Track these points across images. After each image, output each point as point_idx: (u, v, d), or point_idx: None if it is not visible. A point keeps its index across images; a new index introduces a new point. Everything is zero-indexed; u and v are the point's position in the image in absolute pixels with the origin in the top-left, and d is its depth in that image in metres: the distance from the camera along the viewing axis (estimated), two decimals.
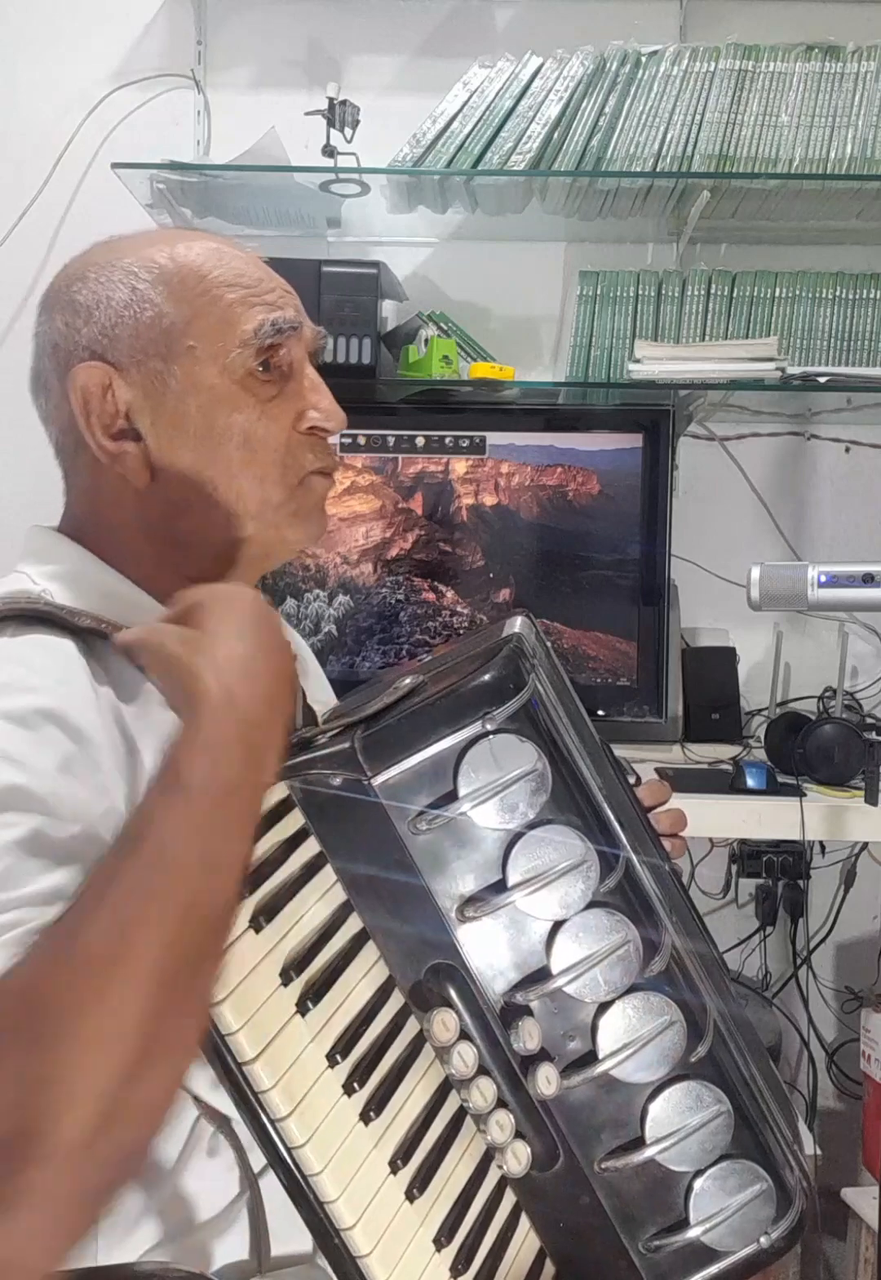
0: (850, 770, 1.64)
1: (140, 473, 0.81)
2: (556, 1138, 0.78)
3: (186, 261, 0.82)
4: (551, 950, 0.75)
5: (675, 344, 1.87)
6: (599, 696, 1.84)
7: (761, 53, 1.83)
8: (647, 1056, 0.77)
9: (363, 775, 0.73)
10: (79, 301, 0.82)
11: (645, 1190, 0.79)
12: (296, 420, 0.84)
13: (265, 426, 0.82)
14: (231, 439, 0.81)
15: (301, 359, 0.86)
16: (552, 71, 1.84)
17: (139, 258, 0.82)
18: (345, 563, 1.87)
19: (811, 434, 2.09)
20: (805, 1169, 0.82)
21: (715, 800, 1.61)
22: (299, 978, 0.73)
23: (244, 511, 0.82)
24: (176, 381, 0.80)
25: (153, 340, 0.80)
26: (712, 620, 2.04)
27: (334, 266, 1.80)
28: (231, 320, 0.81)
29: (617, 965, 0.76)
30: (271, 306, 0.83)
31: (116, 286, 0.81)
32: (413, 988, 0.76)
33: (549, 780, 0.74)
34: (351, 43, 2.05)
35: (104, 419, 0.81)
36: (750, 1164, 0.79)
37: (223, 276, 0.82)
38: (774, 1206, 0.79)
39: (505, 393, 1.89)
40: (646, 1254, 0.79)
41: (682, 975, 0.78)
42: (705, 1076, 0.78)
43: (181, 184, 1.86)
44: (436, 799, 0.73)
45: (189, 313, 0.81)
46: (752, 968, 2.06)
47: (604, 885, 0.76)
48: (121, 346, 0.80)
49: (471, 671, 0.74)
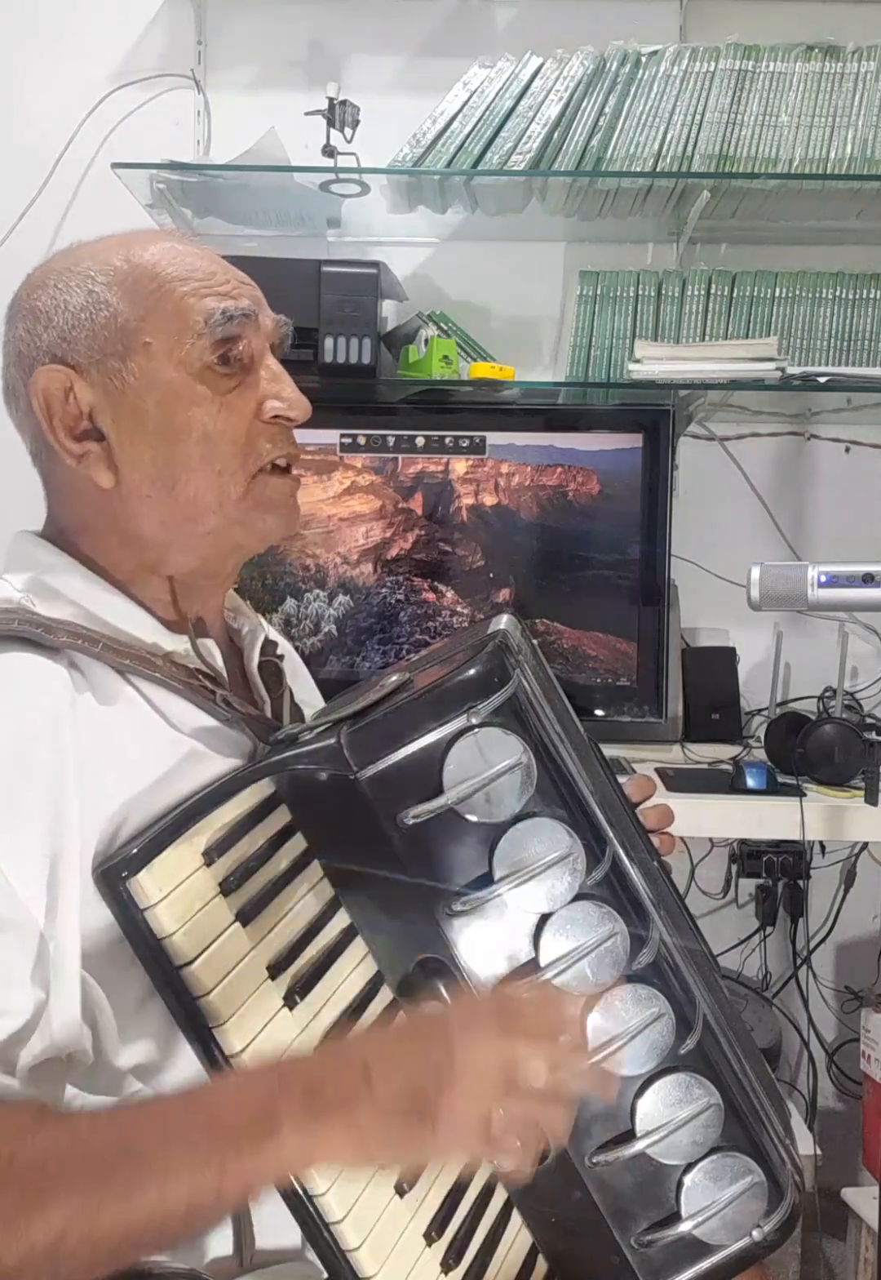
0: (850, 770, 1.64)
1: (104, 472, 0.82)
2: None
3: (140, 261, 0.83)
4: (539, 943, 0.76)
5: (675, 344, 1.87)
6: (599, 696, 1.84)
7: (761, 53, 1.83)
8: (637, 1048, 0.77)
9: (349, 770, 0.73)
10: (39, 308, 0.83)
11: (636, 1184, 0.79)
12: (257, 410, 0.85)
13: (224, 420, 0.83)
14: (190, 434, 0.82)
15: (261, 350, 0.86)
16: (552, 71, 1.84)
17: (96, 262, 0.83)
18: (345, 563, 1.87)
19: (811, 434, 2.08)
20: (797, 1163, 0.82)
21: (715, 800, 1.60)
22: (286, 972, 0.74)
23: (205, 506, 0.83)
24: (134, 379, 0.81)
25: (109, 340, 0.81)
26: (712, 620, 2.04)
27: (334, 266, 1.79)
28: (184, 312, 0.82)
29: (605, 957, 0.76)
30: (223, 296, 0.83)
31: (73, 291, 0.82)
32: (401, 982, 0.77)
33: (534, 773, 0.74)
34: (351, 43, 2.05)
35: (67, 421, 0.82)
36: (741, 1157, 0.79)
37: (175, 272, 0.82)
38: (765, 1200, 0.79)
39: (505, 393, 1.89)
40: (638, 1249, 0.79)
41: (671, 968, 0.78)
42: (695, 1069, 0.78)
43: (181, 184, 1.86)
44: (423, 793, 0.73)
45: (142, 310, 0.81)
46: (752, 968, 2.06)
47: (591, 878, 0.76)
48: (80, 349, 0.81)
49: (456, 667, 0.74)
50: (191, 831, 0.73)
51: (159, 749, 0.78)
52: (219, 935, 0.72)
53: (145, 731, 0.78)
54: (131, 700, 0.79)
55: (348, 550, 1.87)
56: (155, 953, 0.71)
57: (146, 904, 0.70)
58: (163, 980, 0.72)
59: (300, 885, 0.76)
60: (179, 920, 0.71)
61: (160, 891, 0.70)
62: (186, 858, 0.72)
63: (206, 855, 0.73)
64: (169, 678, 0.80)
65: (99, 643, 0.77)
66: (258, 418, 0.85)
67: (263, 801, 0.76)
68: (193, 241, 0.87)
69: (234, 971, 0.72)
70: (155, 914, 0.70)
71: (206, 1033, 0.71)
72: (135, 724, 0.78)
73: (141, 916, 0.71)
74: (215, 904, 0.73)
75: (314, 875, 0.76)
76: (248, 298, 0.85)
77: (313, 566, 1.87)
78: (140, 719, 0.79)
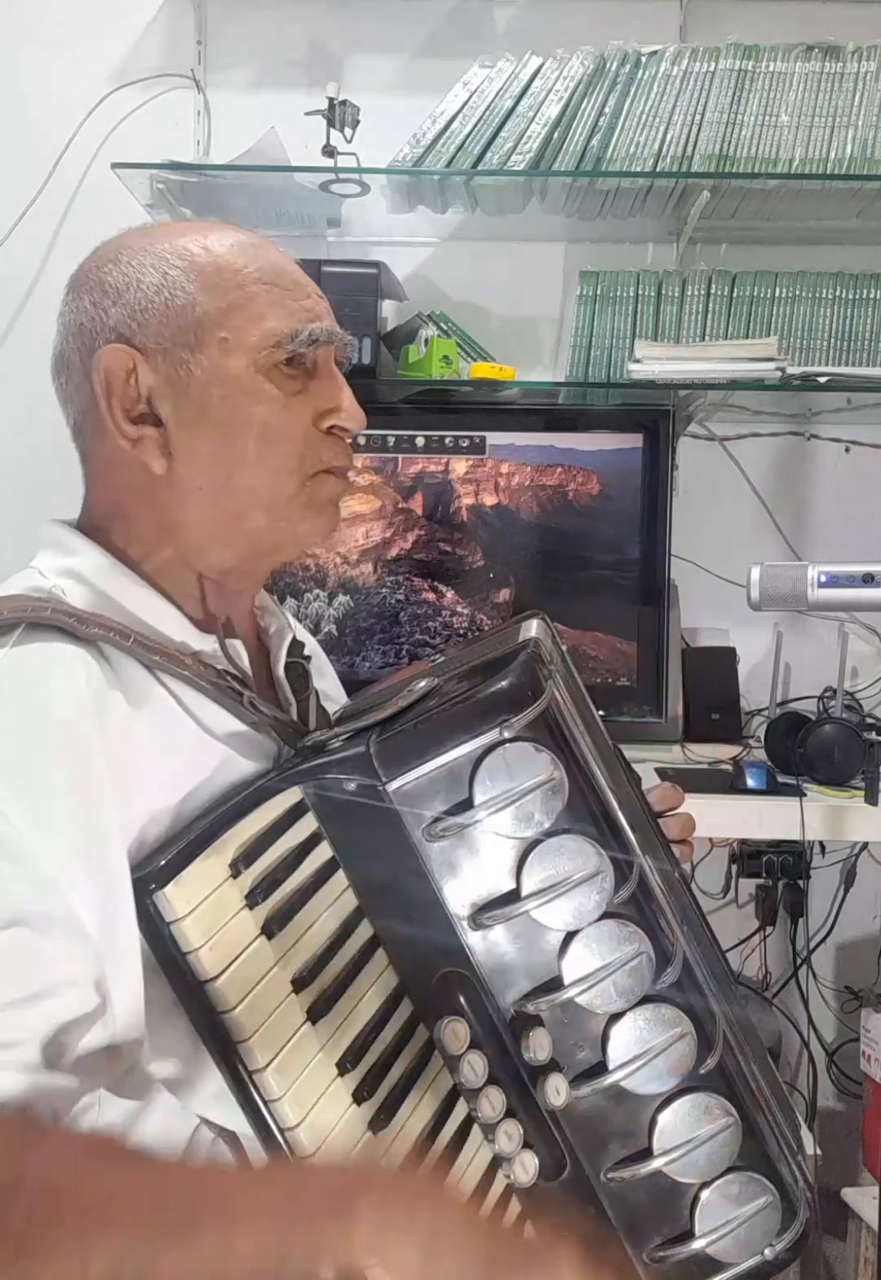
0: (850, 770, 1.64)
1: (158, 458, 0.81)
2: (564, 1148, 0.77)
3: (220, 253, 0.82)
4: (564, 960, 0.75)
5: (675, 344, 1.87)
6: (599, 696, 1.81)
7: (761, 53, 1.83)
8: (657, 1068, 0.76)
9: (377, 781, 0.72)
10: (109, 283, 0.82)
11: (651, 1201, 0.78)
12: (317, 418, 0.84)
13: (285, 419, 0.82)
14: (251, 429, 0.81)
15: (326, 358, 0.86)
16: (552, 71, 1.84)
17: (172, 245, 0.82)
18: (345, 563, 1.87)
19: (811, 434, 2.09)
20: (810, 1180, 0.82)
21: (715, 800, 1.61)
22: (310, 985, 0.73)
23: (257, 502, 0.82)
24: (201, 370, 0.80)
25: (182, 328, 0.80)
26: (712, 620, 2.04)
27: (334, 266, 1.80)
28: (267, 319, 0.81)
29: (630, 976, 0.75)
30: (309, 313, 0.83)
31: (148, 271, 0.81)
32: (423, 996, 0.76)
33: (565, 789, 0.73)
34: (351, 43, 2.05)
35: (125, 402, 0.80)
36: (756, 1176, 0.79)
37: (259, 274, 0.82)
38: (779, 1218, 0.79)
39: (505, 393, 1.89)
40: (651, 1264, 0.78)
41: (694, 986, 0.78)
42: (714, 1089, 0.78)
43: (181, 184, 1.86)
44: (451, 806, 0.73)
45: (223, 304, 0.81)
46: (752, 968, 2.06)
47: (618, 896, 0.75)
48: (149, 332, 0.80)
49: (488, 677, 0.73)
50: (219, 843, 0.71)
51: (187, 749, 0.77)
52: (244, 949, 0.71)
53: (174, 730, 0.77)
54: (161, 698, 0.78)
55: (348, 550, 1.87)
56: (180, 967, 0.70)
57: (173, 917, 0.69)
58: (187, 994, 0.71)
59: (325, 897, 0.75)
60: (205, 934, 0.70)
61: (188, 905, 0.69)
62: (214, 870, 0.71)
63: (233, 867, 0.72)
64: (197, 677, 0.79)
65: (130, 637, 0.76)
66: (315, 425, 0.84)
67: (288, 810, 0.74)
68: (272, 243, 0.86)
69: (258, 986, 0.71)
70: (182, 928, 0.69)
71: (231, 1048, 0.70)
72: (164, 722, 0.77)
73: (168, 930, 0.69)
74: (241, 917, 0.72)
75: (338, 886, 0.75)
76: (329, 317, 0.85)
77: (313, 566, 1.87)
78: (169, 717, 0.78)
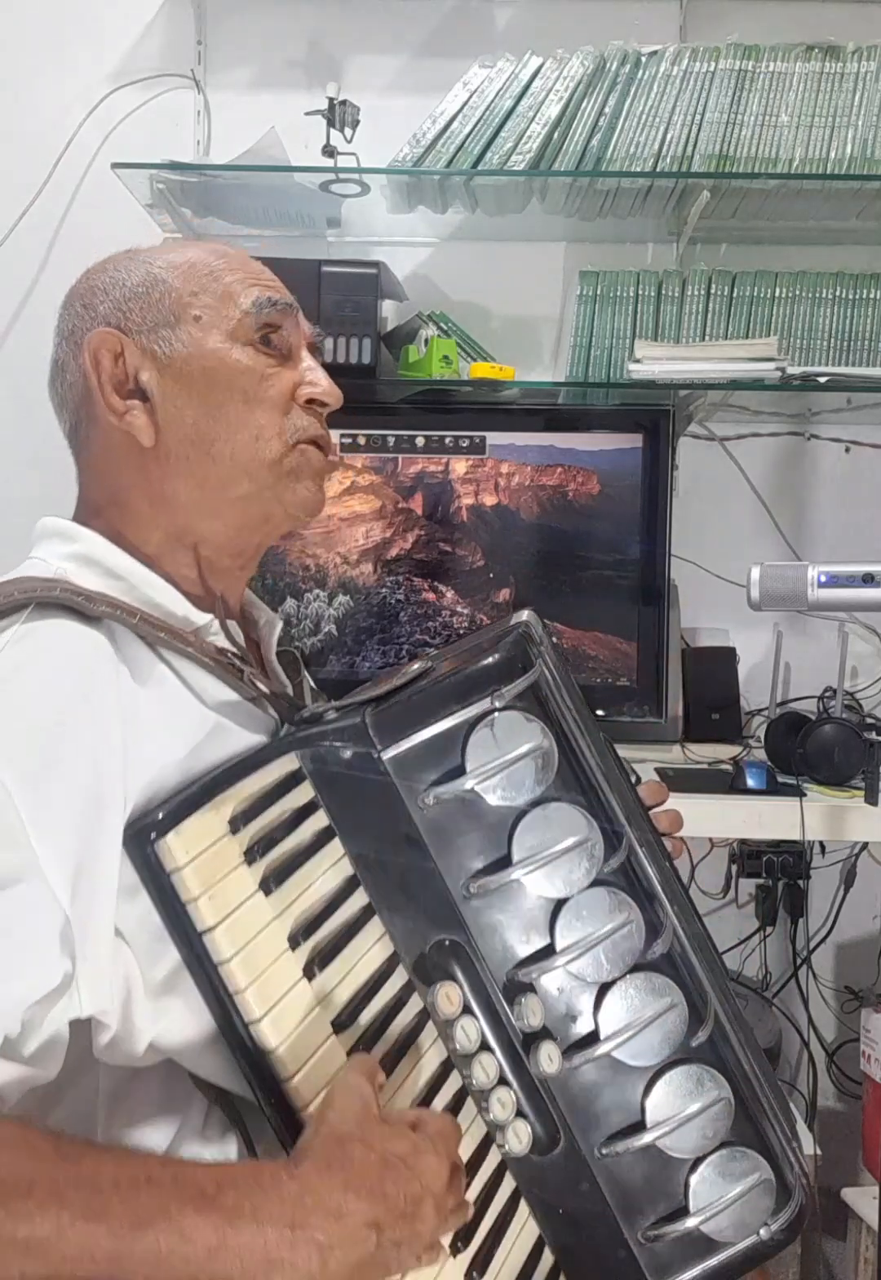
0: (850, 770, 1.64)
1: (146, 430, 0.87)
2: (557, 1120, 0.78)
3: (194, 255, 0.91)
4: (555, 928, 0.76)
5: (675, 344, 1.87)
6: (599, 696, 1.84)
7: (761, 53, 1.83)
8: (649, 1038, 0.77)
9: (373, 749, 0.74)
10: (96, 286, 0.90)
11: (645, 1177, 0.79)
12: (294, 390, 0.91)
13: (262, 389, 0.89)
14: (231, 398, 0.87)
15: (299, 344, 0.93)
16: (552, 71, 1.84)
17: (154, 253, 0.92)
18: (345, 563, 1.87)
19: (811, 434, 2.09)
20: (803, 1165, 0.82)
21: (715, 800, 1.60)
22: (306, 943, 0.75)
23: (239, 468, 0.88)
24: (182, 345, 0.87)
25: (161, 311, 0.88)
26: (712, 620, 2.04)
27: (334, 266, 1.80)
28: (233, 294, 0.89)
29: (620, 945, 0.77)
30: (268, 288, 0.91)
31: (132, 272, 0.90)
32: (417, 962, 0.77)
33: (555, 758, 0.76)
34: (351, 43, 2.05)
35: (114, 380, 0.87)
36: (750, 1153, 0.79)
37: (227, 265, 0.91)
38: (773, 1198, 0.80)
39: (505, 393, 1.89)
40: (645, 1243, 0.79)
41: (684, 960, 0.79)
42: (706, 1061, 0.79)
43: (181, 184, 1.86)
44: (445, 774, 0.75)
45: (195, 287, 0.89)
46: (752, 968, 2.06)
47: (607, 865, 0.77)
48: (134, 318, 0.88)
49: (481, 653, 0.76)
50: (218, 799, 0.74)
51: (189, 723, 0.80)
52: (242, 903, 0.73)
53: (176, 706, 0.80)
54: (163, 675, 0.81)
55: (348, 550, 1.87)
56: (180, 917, 0.72)
57: (173, 866, 0.71)
58: (186, 945, 0.73)
59: (321, 861, 0.76)
60: (204, 885, 0.72)
61: (187, 855, 0.71)
62: (213, 824, 0.73)
63: (232, 823, 0.74)
64: (199, 653, 0.83)
65: (136, 615, 0.80)
66: (293, 398, 0.90)
67: (287, 776, 0.76)
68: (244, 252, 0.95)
69: (255, 940, 0.73)
70: (182, 877, 0.71)
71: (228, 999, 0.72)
72: (167, 698, 0.80)
73: (168, 880, 0.72)
74: (239, 872, 0.74)
75: (335, 852, 0.77)
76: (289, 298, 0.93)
77: (312, 566, 1.87)
78: (172, 693, 0.81)
